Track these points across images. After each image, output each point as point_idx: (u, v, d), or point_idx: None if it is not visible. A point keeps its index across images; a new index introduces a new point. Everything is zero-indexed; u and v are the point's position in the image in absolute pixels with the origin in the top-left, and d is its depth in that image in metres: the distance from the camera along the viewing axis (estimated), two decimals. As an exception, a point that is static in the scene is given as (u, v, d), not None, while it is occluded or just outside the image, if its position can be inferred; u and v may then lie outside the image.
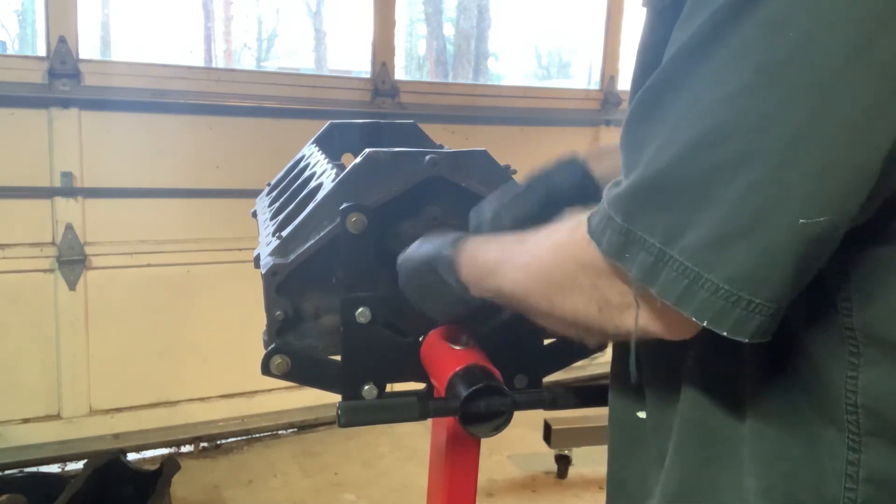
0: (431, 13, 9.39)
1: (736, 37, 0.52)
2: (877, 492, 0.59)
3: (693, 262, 0.54)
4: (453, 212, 0.98)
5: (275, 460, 2.91)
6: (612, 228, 0.58)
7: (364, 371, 0.93)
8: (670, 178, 0.55)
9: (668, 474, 0.72)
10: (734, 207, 0.52)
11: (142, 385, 2.88)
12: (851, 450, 0.59)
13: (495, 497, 2.73)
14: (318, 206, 0.95)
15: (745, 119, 0.52)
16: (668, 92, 0.57)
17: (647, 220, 0.56)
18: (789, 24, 0.50)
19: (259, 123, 2.95)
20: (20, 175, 2.61)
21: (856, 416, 0.59)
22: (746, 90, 0.52)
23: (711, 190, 0.53)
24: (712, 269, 0.53)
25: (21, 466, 2.53)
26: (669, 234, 0.55)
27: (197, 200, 2.88)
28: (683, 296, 0.54)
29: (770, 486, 0.63)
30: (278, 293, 0.94)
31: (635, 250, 0.56)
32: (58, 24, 2.58)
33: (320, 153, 1.25)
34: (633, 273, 0.57)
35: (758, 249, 0.52)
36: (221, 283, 2.90)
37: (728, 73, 0.53)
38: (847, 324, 0.59)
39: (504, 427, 0.86)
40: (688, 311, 0.54)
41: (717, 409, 0.68)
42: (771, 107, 0.51)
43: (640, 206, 0.57)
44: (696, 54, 0.55)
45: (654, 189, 0.56)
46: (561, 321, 0.69)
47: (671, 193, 0.55)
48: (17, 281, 2.64)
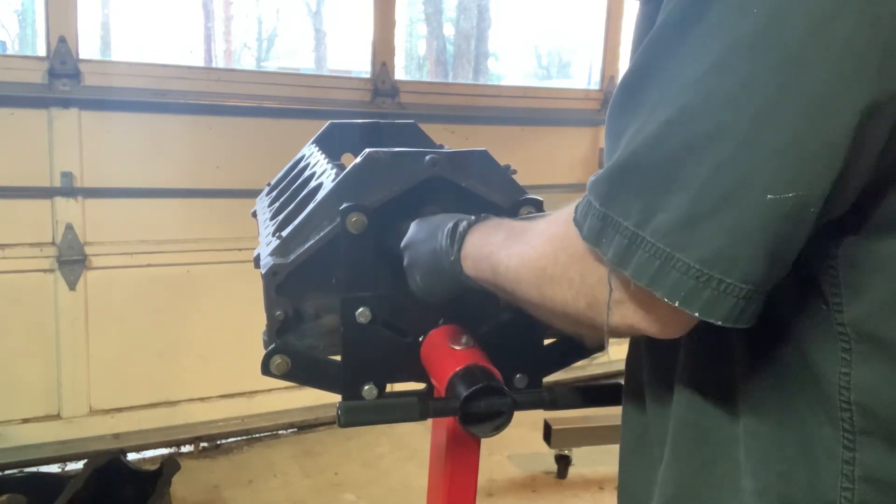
0: (431, 13, 9.39)
1: (706, 17, 0.53)
2: (874, 491, 0.59)
3: (664, 243, 0.54)
4: (453, 212, 0.98)
5: (275, 460, 2.91)
6: (592, 214, 0.58)
7: (364, 371, 0.93)
8: (643, 159, 0.55)
9: (664, 476, 0.72)
10: (703, 186, 0.52)
11: (142, 385, 2.88)
12: (846, 448, 0.59)
13: (495, 497, 2.73)
14: (318, 206, 0.95)
15: (713, 97, 0.52)
16: (645, 76, 0.57)
17: (622, 202, 0.56)
18: (754, 2, 0.51)
19: (259, 123, 2.95)
20: (20, 175, 2.61)
21: (850, 413, 0.59)
22: (714, 68, 0.52)
23: (681, 169, 0.53)
24: (683, 248, 0.53)
25: (21, 466, 2.53)
26: (642, 215, 0.55)
27: (197, 200, 2.88)
28: (655, 277, 0.54)
29: (766, 487, 0.63)
30: (278, 293, 0.94)
31: (611, 234, 0.56)
32: (58, 24, 2.58)
33: (320, 153, 1.25)
34: (608, 257, 0.57)
35: (727, 227, 0.52)
36: (221, 283, 2.90)
37: (699, 53, 0.53)
38: (838, 319, 0.59)
39: (504, 427, 0.86)
40: (660, 292, 0.54)
41: (711, 410, 0.68)
42: (737, 84, 0.52)
43: (616, 189, 0.57)
44: (670, 37, 0.56)
45: (627, 171, 0.56)
46: (551, 313, 0.69)
47: (643, 175, 0.55)
48: (17, 281, 2.64)
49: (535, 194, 0.98)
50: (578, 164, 3.73)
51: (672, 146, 0.54)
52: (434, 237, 0.85)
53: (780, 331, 0.62)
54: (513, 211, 0.97)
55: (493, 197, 0.97)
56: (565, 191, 3.66)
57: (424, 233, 0.89)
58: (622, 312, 0.59)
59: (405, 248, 0.92)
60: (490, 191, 0.97)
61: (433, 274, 0.87)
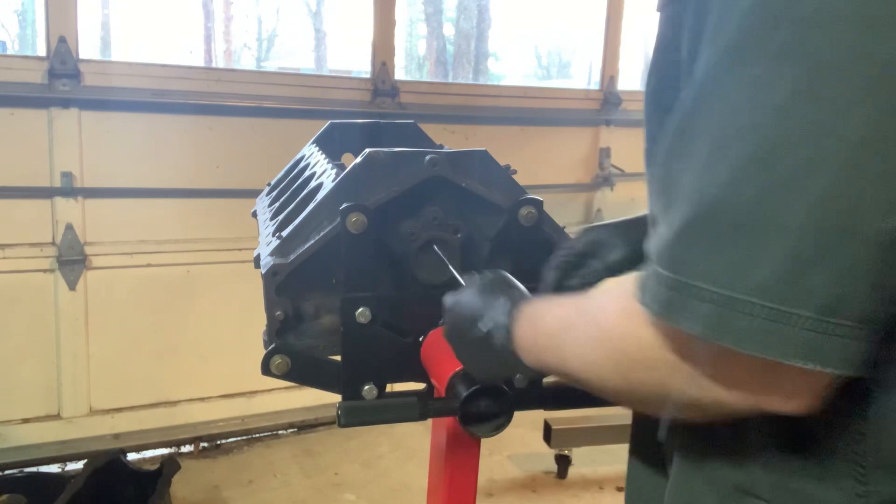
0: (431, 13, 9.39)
1: (773, 40, 0.47)
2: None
3: (772, 300, 0.47)
4: (453, 212, 0.98)
5: (275, 460, 2.91)
6: (662, 284, 0.52)
7: (364, 371, 0.93)
8: (723, 209, 0.49)
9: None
10: (804, 226, 0.47)
11: (142, 385, 2.88)
12: (859, 482, 0.56)
13: (495, 497, 2.73)
14: (318, 206, 0.95)
15: (802, 127, 0.47)
16: (701, 113, 0.51)
17: (703, 264, 0.50)
18: (832, 15, 0.46)
19: (259, 123, 2.95)
20: (20, 175, 2.61)
21: (863, 446, 0.56)
22: (798, 95, 0.47)
23: (774, 212, 0.47)
24: (796, 301, 0.47)
25: (21, 466, 2.53)
26: (733, 274, 0.48)
27: (197, 200, 2.88)
28: (769, 341, 0.47)
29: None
30: (278, 293, 0.94)
31: (694, 305, 0.50)
32: (58, 24, 2.58)
33: (320, 153, 1.25)
34: (696, 330, 0.50)
35: (840, 267, 0.47)
36: (221, 283, 2.90)
37: (772, 80, 0.47)
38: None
39: (504, 427, 0.86)
40: (781, 356, 0.47)
41: (720, 449, 0.64)
42: (830, 110, 0.46)
43: (690, 251, 0.50)
44: (727, 66, 0.50)
45: (702, 226, 0.50)
46: (644, 400, 0.61)
47: (726, 227, 0.49)
48: (17, 281, 2.64)
49: (535, 194, 0.98)
50: (578, 164, 3.73)
51: (757, 188, 0.48)
52: (478, 320, 0.78)
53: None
54: (513, 211, 0.97)
55: (493, 197, 0.97)
56: (565, 191, 3.66)
57: (467, 311, 0.81)
58: (737, 392, 0.52)
59: (446, 336, 0.86)
60: (490, 191, 0.97)
61: (484, 359, 0.80)
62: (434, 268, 0.96)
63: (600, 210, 3.76)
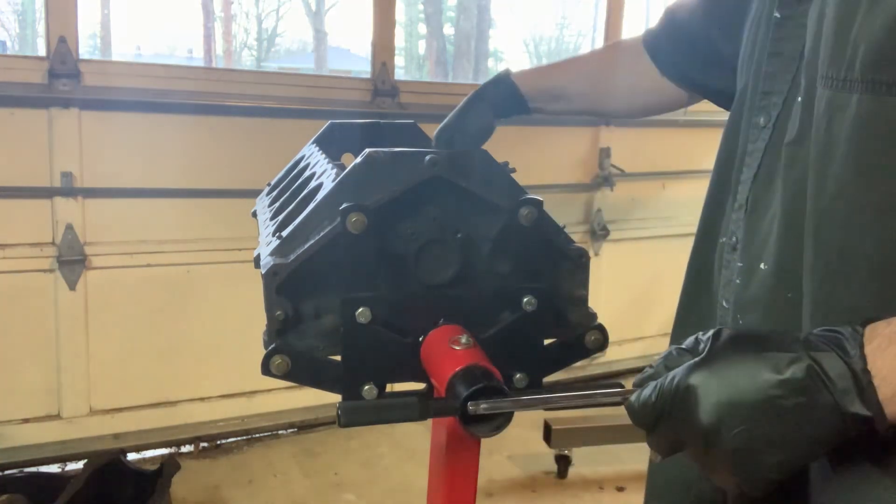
0: (431, 13, 9.39)
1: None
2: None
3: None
4: (453, 212, 0.98)
5: (275, 460, 2.92)
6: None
7: (364, 371, 0.93)
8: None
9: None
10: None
11: (142, 385, 2.88)
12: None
13: (495, 497, 2.73)
14: (318, 206, 0.95)
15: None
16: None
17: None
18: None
19: (259, 123, 2.95)
20: (20, 175, 2.61)
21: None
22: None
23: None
24: None
25: (21, 466, 2.53)
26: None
27: (197, 200, 2.88)
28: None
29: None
30: (278, 293, 0.94)
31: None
32: (58, 24, 2.58)
33: (320, 153, 1.25)
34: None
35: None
36: (221, 283, 2.90)
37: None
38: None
39: (504, 427, 0.86)
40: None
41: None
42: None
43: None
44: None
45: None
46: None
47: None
48: (17, 281, 2.64)
49: (535, 194, 0.98)
50: (578, 164, 3.73)
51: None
52: (784, 400, 0.57)
53: None
54: (513, 211, 0.97)
55: (493, 197, 0.97)
56: (565, 191, 3.66)
57: (751, 398, 0.58)
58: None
59: (720, 441, 0.60)
60: (490, 191, 0.97)
61: (802, 444, 0.58)
62: (434, 268, 0.96)
63: (600, 210, 3.76)
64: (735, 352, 0.60)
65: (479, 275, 0.97)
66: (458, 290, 0.96)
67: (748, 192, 0.84)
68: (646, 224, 3.89)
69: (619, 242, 3.81)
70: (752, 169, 0.83)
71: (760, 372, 0.57)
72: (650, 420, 0.63)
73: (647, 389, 0.63)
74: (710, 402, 0.58)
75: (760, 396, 0.57)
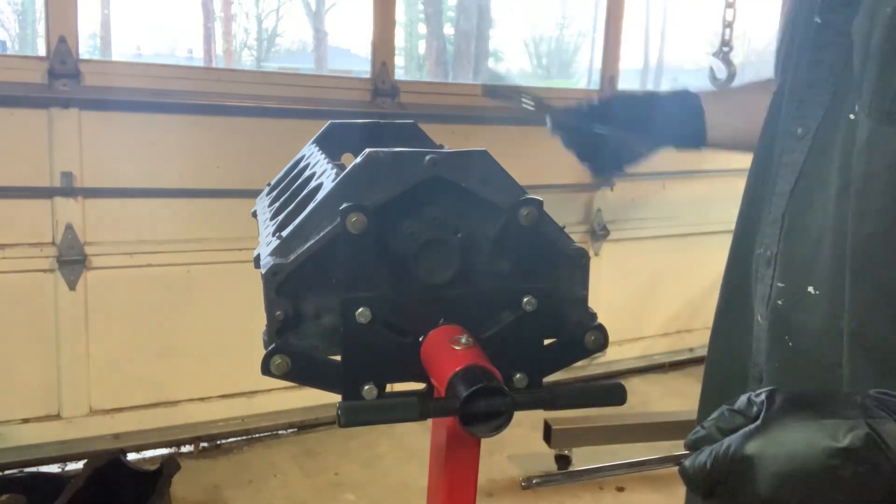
0: (431, 13, 9.39)
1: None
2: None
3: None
4: (453, 212, 0.98)
5: (275, 460, 2.91)
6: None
7: (364, 371, 0.93)
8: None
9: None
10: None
11: (142, 385, 2.88)
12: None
13: (495, 497, 2.73)
14: (318, 206, 0.95)
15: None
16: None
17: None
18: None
19: (259, 123, 2.95)
20: (20, 175, 2.61)
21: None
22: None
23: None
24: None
25: (21, 466, 2.53)
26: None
27: (197, 200, 2.88)
28: None
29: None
30: (278, 293, 0.94)
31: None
32: (58, 24, 2.58)
33: (320, 153, 1.25)
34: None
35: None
36: (221, 283, 2.90)
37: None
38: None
39: (504, 427, 0.86)
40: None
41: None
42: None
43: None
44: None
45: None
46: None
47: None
48: (17, 281, 2.64)
49: (535, 194, 0.98)
50: (578, 164, 3.72)
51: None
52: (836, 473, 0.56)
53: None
54: (513, 211, 0.97)
55: (493, 197, 0.97)
56: (565, 191, 3.66)
57: (809, 468, 0.57)
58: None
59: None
60: (490, 191, 0.97)
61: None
62: (434, 268, 0.96)
63: (600, 210, 3.76)
64: (791, 418, 0.59)
65: (479, 275, 0.97)
66: (458, 290, 0.96)
67: (784, 206, 0.81)
68: (646, 224, 3.88)
69: (618, 242, 3.81)
70: (789, 183, 0.81)
71: (818, 440, 0.56)
72: (706, 487, 0.62)
73: (702, 455, 0.62)
74: (769, 473, 0.57)
75: (819, 466, 0.56)
